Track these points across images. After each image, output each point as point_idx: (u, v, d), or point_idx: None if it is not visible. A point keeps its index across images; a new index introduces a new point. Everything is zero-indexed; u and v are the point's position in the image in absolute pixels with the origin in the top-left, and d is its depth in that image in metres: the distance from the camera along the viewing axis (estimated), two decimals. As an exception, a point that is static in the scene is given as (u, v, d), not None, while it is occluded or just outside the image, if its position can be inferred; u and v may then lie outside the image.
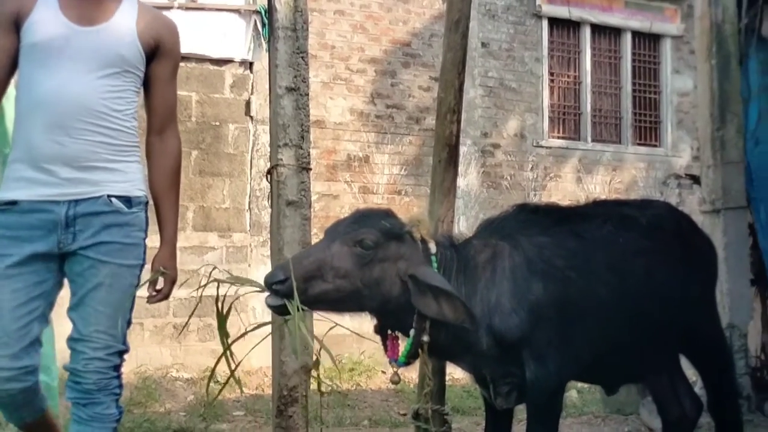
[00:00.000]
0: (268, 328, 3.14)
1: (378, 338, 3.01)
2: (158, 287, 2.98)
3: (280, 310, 2.71)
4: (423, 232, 2.88)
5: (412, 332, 2.81)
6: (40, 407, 2.93)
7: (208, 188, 9.33)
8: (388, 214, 2.92)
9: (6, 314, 2.70)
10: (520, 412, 3.31)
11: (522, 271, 2.94)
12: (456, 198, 3.62)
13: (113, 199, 2.80)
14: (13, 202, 2.73)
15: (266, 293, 2.76)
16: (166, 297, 3.00)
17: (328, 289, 2.72)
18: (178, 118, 3.11)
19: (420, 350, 2.88)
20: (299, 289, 2.64)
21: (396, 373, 2.91)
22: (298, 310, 2.63)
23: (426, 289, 2.75)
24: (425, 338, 2.82)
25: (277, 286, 2.68)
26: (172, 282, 3.00)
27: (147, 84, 2.99)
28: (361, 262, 2.74)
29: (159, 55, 2.95)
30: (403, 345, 2.88)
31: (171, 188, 3.02)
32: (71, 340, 2.83)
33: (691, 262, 3.40)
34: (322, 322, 2.90)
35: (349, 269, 2.73)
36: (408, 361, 2.88)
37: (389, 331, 2.89)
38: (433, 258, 2.88)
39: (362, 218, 2.88)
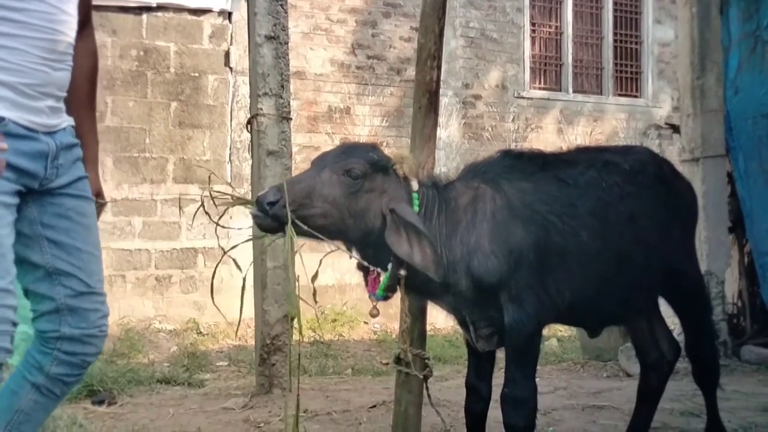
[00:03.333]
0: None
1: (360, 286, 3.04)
2: None
3: (269, 229, 2.78)
4: (406, 169, 2.92)
5: (390, 265, 2.84)
6: None
7: (188, 140, 9.27)
8: (374, 147, 2.98)
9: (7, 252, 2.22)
10: (501, 360, 3.35)
11: (503, 215, 2.96)
12: (437, 149, 3.62)
13: (72, 130, 2.50)
14: None
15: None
16: None
17: (315, 213, 2.77)
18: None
19: (398, 286, 2.92)
20: (291, 212, 2.70)
21: (375, 307, 2.95)
22: (287, 226, 2.69)
23: (401, 226, 2.79)
24: (402, 272, 2.86)
25: (269, 206, 2.72)
26: (102, 208, 2.65)
27: None
28: (348, 191, 2.80)
29: None
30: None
31: (92, 94, 2.70)
32: (73, 298, 2.37)
33: (672, 206, 3.45)
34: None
35: (337, 197, 2.79)
36: (386, 295, 2.92)
37: (371, 268, 2.92)
38: (415, 195, 2.91)
39: (349, 149, 2.93)
